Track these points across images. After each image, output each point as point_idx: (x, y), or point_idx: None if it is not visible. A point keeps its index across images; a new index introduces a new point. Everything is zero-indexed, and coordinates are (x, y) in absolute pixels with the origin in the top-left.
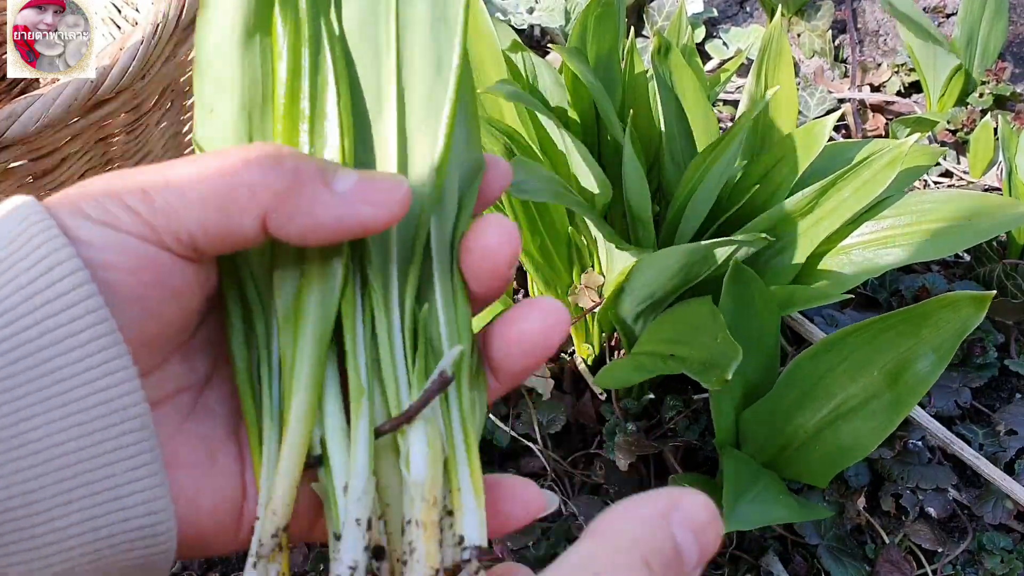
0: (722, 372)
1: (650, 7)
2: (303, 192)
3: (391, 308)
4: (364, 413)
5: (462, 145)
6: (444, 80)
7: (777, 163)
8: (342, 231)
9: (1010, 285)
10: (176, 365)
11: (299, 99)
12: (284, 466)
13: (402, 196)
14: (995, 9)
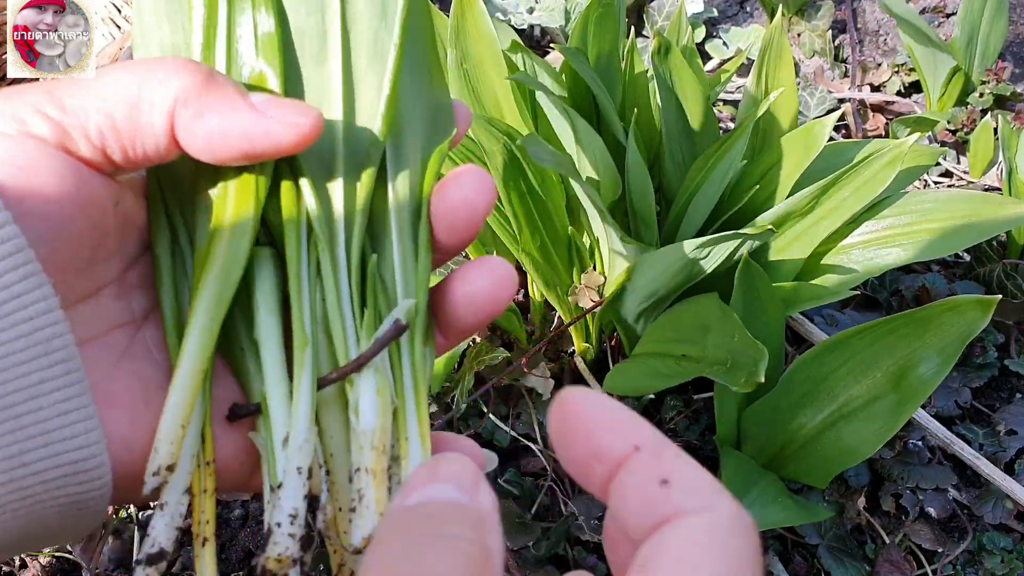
0: (752, 374)
1: (650, 7)
2: (215, 91)
3: (337, 257)
4: (308, 363)
5: (420, 93)
6: (390, 24)
7: (777, 163)
8: (251, 141)
9: (1010, 285)
10: (109, 301)
11: (216, 23)
12: (170, 403)
13: (314, 118)
14: (995, 9)
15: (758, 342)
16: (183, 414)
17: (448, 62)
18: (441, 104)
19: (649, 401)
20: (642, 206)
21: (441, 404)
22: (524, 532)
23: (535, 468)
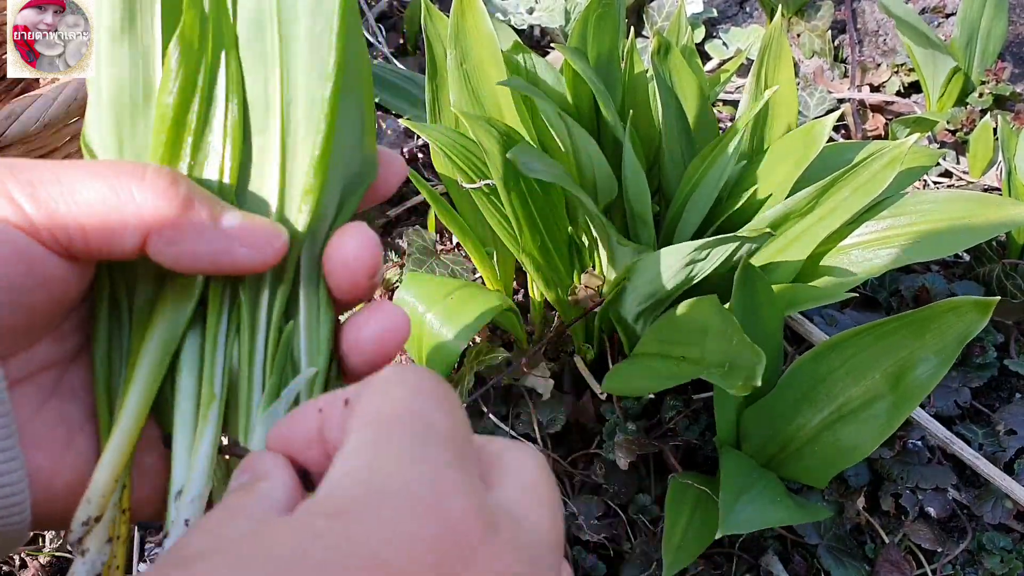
0: (749, 377)
1: (650, 7)
2: (189, 222)
3: (258, 323)
4: (212, 420)
5: (350, 147)
6: (323, 97)
7: (777, 162)
8: (216, 266)
9: (1010, 285)
10: (45, 345)
11: (189, 110)
12: (105, 460)
13: (281, 243)
14: (995, 9)
15: (756, 346)
16: (117, 471)
17: (448, 62)
18: (367, 157)
19: (649, 401)
20: (639, 207)
21: None
22: None
23: None
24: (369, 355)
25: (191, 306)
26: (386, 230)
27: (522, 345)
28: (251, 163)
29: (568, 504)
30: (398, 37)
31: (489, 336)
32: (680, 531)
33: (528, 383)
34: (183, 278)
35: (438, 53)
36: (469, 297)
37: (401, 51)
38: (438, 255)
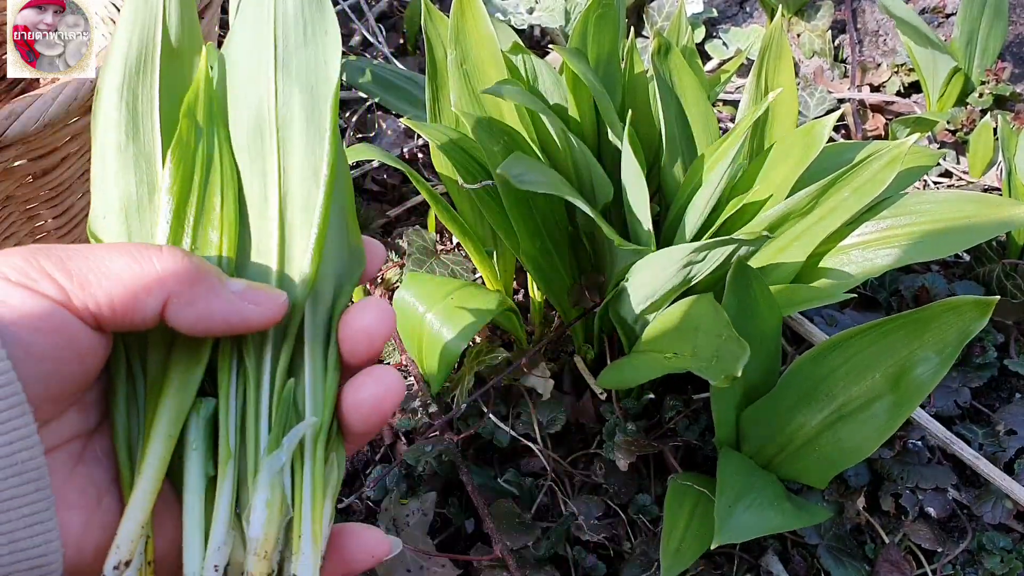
0: (730, 369)
1: (650, 7)
2: (203, 284)
3: (262, 383)
4: (229, 475)
5: (339, 238)
6: (318, 190)
7: (777, 163)
8: (228, 324)
9: (1010, 285)
10: (72, 415)
11: (188, 203)
12: (131, 508)
13: (283, 302)
14: (995, 9)
15: (743, 340)
16: (143, 518)
17: (448, 63)
18: (354, 248)
19: (649, 401)
20: (638, 208)
21: (441, 404)
22: (524, 532)
23: (535, 468)
24: (366, 414)
25: (201, 370)
26: (386, 230)
27: (522, 345)
28: (250, 247)
29: (568, 504)
30: (398, 37)
31: (489, 336)
32: (679, 535)
33: (528, 383)
34: (192, 345)
35: (438, 53)
36: (469, 297)
37: (401, 51)
38: (438, 255)
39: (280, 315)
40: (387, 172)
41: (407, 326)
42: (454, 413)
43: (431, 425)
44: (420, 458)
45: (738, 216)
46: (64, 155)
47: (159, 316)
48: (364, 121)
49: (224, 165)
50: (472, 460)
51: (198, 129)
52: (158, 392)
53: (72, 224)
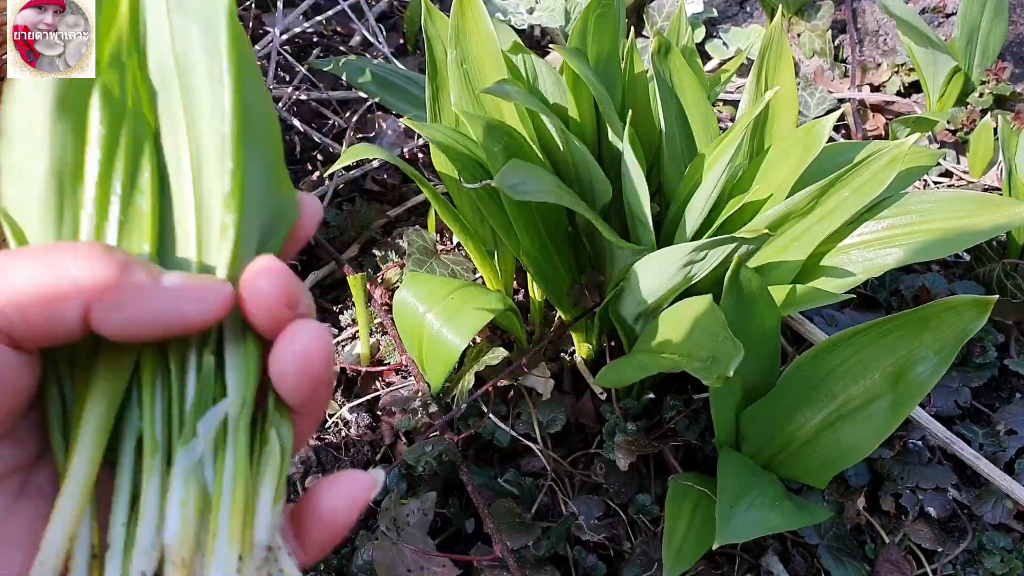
0: (723, 369)
1: (650, 7)
2: (129, 284)
3: (187, 365)
4: (156, 471)
5: (262, 187)
6: (227, 152)
7: (777, 163)
8: (164, 326)
9: (1010, 285)
10: (5, 449)
11: (112, 175)
12: (54, 523)
13: (227, 295)
14: (995, 9)
15: (737, 341)
16: (69, 530)
17: (448, 63)
18: (283, 197)
19: (649, 401)
20: (638, 208)
21: (441, 404)
22: (524, 532)
23: (535, 468)
24: (295, 380)
25: (128, 371)
26: (386, 230)
27: (522, 345)
28: (171, 213)
29: (568, 504)
30: (398, 37)
31: (489, 336)
32: (680, 535)
33: (528, 383)
34: (119, 347)
35: (438, 53)
36: (469, 297)
37: (401, 51)
38: (438, 255)
39: (226, 310)
40: (387, 172)
41: (407, 326)
42: (454, 413)
43: (431, 425)
44: (420, 458)
45: (738, 216)
46: None
47: (83, 325)
48: (365, 121)
49: (142, 124)
50: (472, 460)
51: (123, 78)
52: (81, 402)
53: None
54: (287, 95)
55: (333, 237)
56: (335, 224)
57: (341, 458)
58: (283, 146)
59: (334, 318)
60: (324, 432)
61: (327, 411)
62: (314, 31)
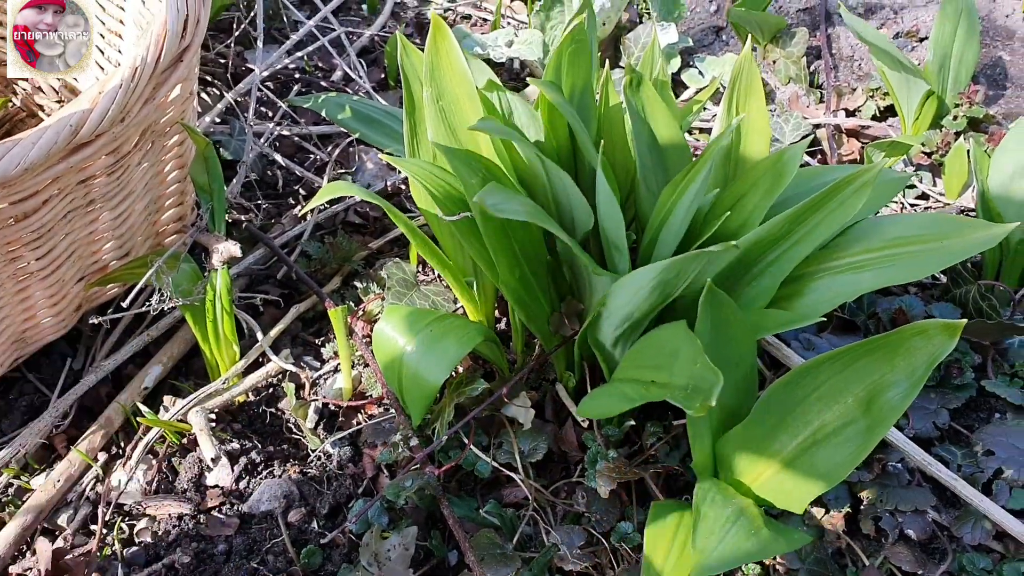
0: (705, 398)
1: (627, 38)
2: None
3: None
4: None
5: None
6: None
7: (749, 190)
8: None
9: (985, 306)
10: None
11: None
12: None
13: None
14: (966, 33)
15: (716, 368)
16: None
17: (424, 99)
18: None
19: (630, 428)
20: (614, 235)
21: (423, 437)
22: (505, 563)
23: (516, 498)
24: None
25: None
26: (368, 262)
27: (504, 374)
28: None
29: (551, 533)
30: (379, 72)
31: (471, 366)
32: (659, 564)
33: (509, 413)
34: None
35: (415, 89)
36: (449, 328)
37: (382, 85)
38: (419, 286)
39: None
40: (369, 205)
41: (387, 359)
42: (435, 446)
43: (412, 458)
44: (400, 493)
45: (712, 242)
46: (46, 198)
47: None
48: (346, 155)
49: None
50: (454, 491)
51: None
52: None
53: (55, 266)
54: (269, 130)
55: (315, 270)
56: (316, 257)
57: (323, 491)
58: (265, 180)
59: (316, 351)
60: (306, 466)
61: (309, 446)
62: (295, 67)
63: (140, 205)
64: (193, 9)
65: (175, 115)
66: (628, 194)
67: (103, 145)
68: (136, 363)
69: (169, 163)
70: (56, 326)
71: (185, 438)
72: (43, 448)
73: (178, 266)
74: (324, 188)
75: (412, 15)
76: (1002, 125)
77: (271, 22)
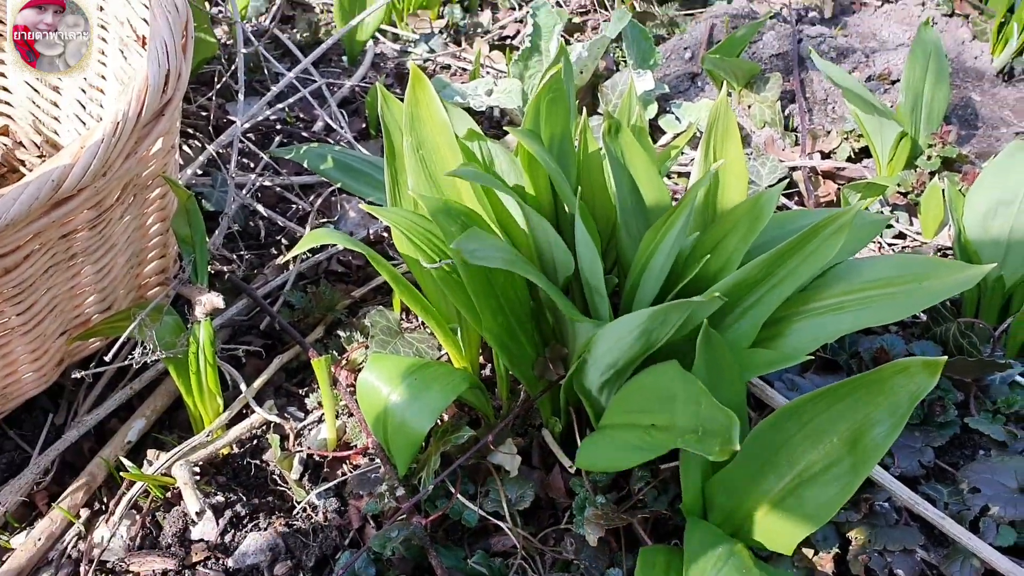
0: (724, 441)
1: (604, 85)
2: None
3: None
4: None
5: None
6: None
7: (728, 233)
8: None
9: (966, 344)
10: None
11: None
12: None
13: None
14: (936, 75)
15: (728, 409)
16: None
17: (405, 149)
18: None
19: (617, 472)
20: (594, 281)
21: (409, 486)
22: None
23: (505, 547)
24: None
25: None
26: (351, 310)
27: (489, 420)
28: None
29: None
30: (360, 121)
31: (456, 413)
32: None
33: (496, 460)
34: None
35: (395, 138)
36: (434, 376)
37: (364, 135)
38: (402, 334)
39: None
40: (351, 253)
41: (371, 409)
42: (421, 495)
43: (399, 508)
44: (387, 544)
45: (693, 286)
46: (27, 252)
47: None
48: (328, 204)
49: None
50: (441, 540)
51: None
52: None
53: (36, 320)
54: (251, 181)
55: (298, 320)
56: (299, 307)
57: (310, 544)
58: (248, 231)
59: (300, 402)
60: (292, 518)
61: (295, 498)
62: (277, 118)
63: (122, 258)
64: (175, 63)
65: (157, 168)
66: (609, 239)
67: (85, 199)
68: (119, 417)
69: (151, 216)
70: (37, 381)
71: (169, 492)
72: (24, 506)
73: (161, 318)
74: (307, 236)
75: (392, 66)
76: (975, 164)
77: (252, 74)
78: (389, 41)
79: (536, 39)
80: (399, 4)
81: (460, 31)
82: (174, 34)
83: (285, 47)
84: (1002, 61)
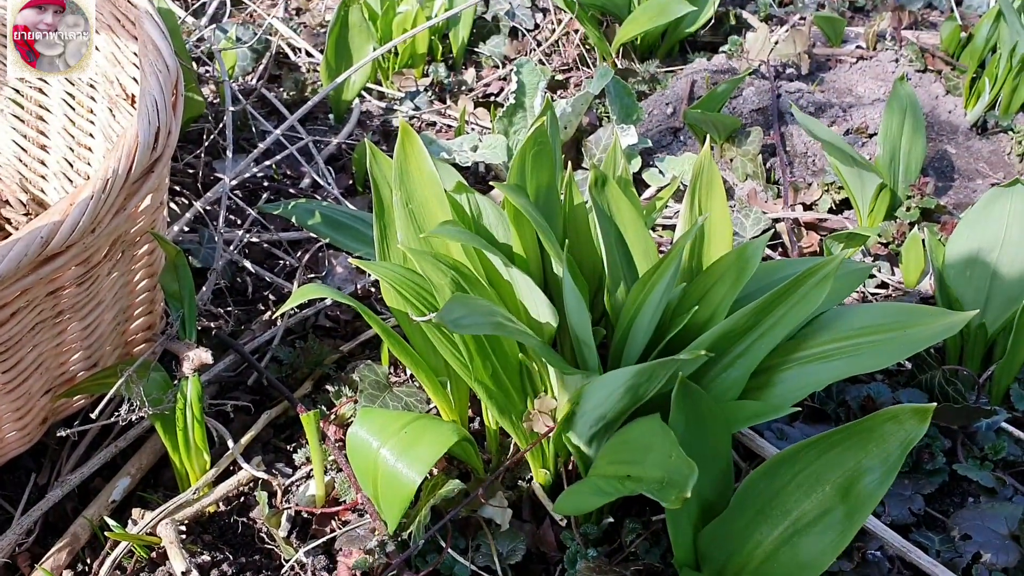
0: (680, 490)
1: (588, 140)
2: None
3: None
4: None
5: None
6: None
7: (714, 284)
8: None
9: (951, 391)
10: None
11: None
12: None
13: None
14: (912, 128)
15: (691, 460)
16: None
17: (394, 203)
18: None
19: (609, 525)
20: (582, 333)
21: (399, 542)
22: None
23: None
24: None
25: None
26: (340, 365)
27: (479, 474)
28: None
29: None
30: (347, 178)
31: (446, 467)
32: None
33: (486, 514)
34: None
35: (384, 193)
36: (423, 430)
37: (351, 191)
38: (391, 388)
39: None
40: (339, 308)
41: (361, 463)
42: (411, 551)
43: (389, 564)
44: None
45: (681, 336)
46: (14, 310)
47: None
48: (316, 259)
49: None
50: None
51: None
52: None
53: (21, 378)
54: (238, 238)
55: (286, 375)
56: (288, 362)
57: None
58: (235, 287)
59: (288, 458)
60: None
61: (283, 556)
62: (264, 175)
63: (109, 315)
64: (164, 121)
65: (145, 225)
66: (596, 290)
67: (73, 256)
68: (103, 476)
69: (139, 272)
70: (21, 440)
71: (154, 552)
72: (6, 568)
73: (148, 375)
74: (298, 291)
75: (378, 123)
76: (953, 214)
77: (240, 132)
78: (375, 99)
79: (520, 96)
80: (384, 63)
81: (445, 89)
82: (164, 92)
83: (272, 105)
84: (975, 115)
